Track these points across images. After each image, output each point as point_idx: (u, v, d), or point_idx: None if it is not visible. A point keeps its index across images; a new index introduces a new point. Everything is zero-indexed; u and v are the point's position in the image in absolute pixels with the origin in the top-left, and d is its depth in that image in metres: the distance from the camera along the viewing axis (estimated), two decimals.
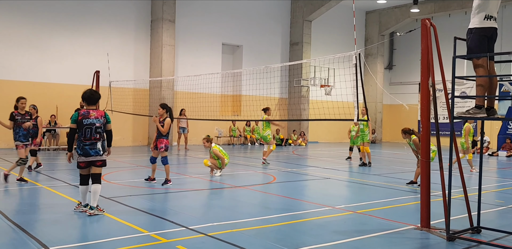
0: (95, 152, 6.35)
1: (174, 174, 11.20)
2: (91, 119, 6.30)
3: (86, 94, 6.43)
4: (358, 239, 5.32)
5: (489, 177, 11.71)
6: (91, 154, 6.34)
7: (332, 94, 23.08)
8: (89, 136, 6.29)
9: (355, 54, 7.49)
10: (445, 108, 23.54)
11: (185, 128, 18.41)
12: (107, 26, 19.29)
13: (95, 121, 6.32)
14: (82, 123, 6.28)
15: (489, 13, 5.33)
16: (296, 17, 24.77)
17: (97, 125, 6.33)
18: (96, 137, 6.34)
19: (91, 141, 6.31)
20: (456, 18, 24.62)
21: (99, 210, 6.35)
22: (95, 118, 6.33)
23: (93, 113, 6.35)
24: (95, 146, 6.35)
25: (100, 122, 6.37)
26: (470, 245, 5.20)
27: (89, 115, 6.31)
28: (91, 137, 6.30)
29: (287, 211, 6.84)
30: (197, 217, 6.29)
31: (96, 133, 6.33)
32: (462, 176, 5.82)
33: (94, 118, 6.32)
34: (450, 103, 5.61)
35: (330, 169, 12.78)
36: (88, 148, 6.31)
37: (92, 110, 6.40)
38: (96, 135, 6.34)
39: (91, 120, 6.29)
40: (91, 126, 6.29)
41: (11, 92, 16.97)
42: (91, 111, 6.36)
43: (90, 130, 6.28)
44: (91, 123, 6.29)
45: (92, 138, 6.31)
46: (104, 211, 6.38)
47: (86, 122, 6.28)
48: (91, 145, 6.32)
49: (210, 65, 21.68)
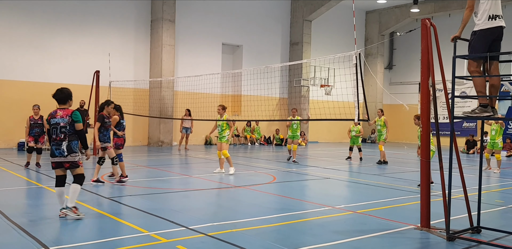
0: (59, 152, 6.09)
1: (175, 174, 11.21)
2: (57, 118, 6.12)
3: (56, 94, 6.21)
4: (358, 239, 5.32)
5: (489, 177, 11.71)
6: (56, 155, 6.10)
7: (332, 94, 23.08)
8: (55, 135, 6.11)
9: (355, 54, 7.49)
10: (445, 108, 23.53)
11: (189, 128, 18.40)
12: (107, 26, 19.29)
13: (60, 121, 6.10)
14: (49, 123, 6.17)
15: (493, 13, 5.27)
16: (296, 17, 24.76)
17: (61, 124, 6.09)
18: (60, 137, 6.09)
19: (56, 141, 6.11)
20: (456, 18, 24.60)
21: (74, 212, 6.05)
22: (60, 117, 6.11)
23: (59, 113, 6.14)
24: (60, 147, 6.09)
25: (65, 121, 6.09)
26: (470, 245, 5.19)
27: (56, 114, 6.15)
28: (56, 137, 6.10)
29: (287, 211, 6.84)
30: (197, 217, 6.29)
31: (61, 132, 6.09)
32: (462, 176, 5.83)
33: (59, 118, 6.11)
34: (450, 103, 5.61)
35: (330, 168, 12.79)
36: (54, 148, 6.12)
37: (60, 109, 6.20)
38: (61, 134, 6.09)
39: (56, 120, 6.11)
40: (56, 125, 6.10)
41: (11, 92, 16.98)
42: (58, 111, 6.17)
43: (56, 129, 6.10)
44: (56, 123, 6.11)
45: (57, 138, 6.09)
46: (81, 215, 6.05)
47: (52, 122, 6.13)
48: (57, 145, 6.11)
49: (210, 65, 21.68)
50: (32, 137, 11.27)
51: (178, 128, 19.41)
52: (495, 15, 5.26)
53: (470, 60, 5.41)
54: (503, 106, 22.60)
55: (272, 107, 22.54)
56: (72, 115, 6.15)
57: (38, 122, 11.29)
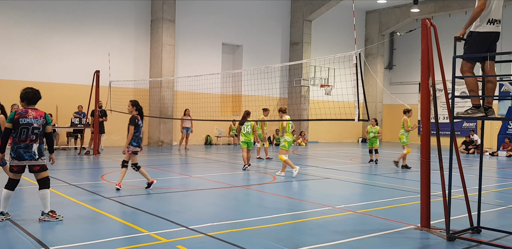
0: (29, 155, 5.77)
1: (175, 174, 11.21)
2: (29, 119, 5.76)
3: (28, 93, 5.87)
4: (358, 239, 5.32)
5: (489, 177, 11.70)
6: (25, 158, 5.76)
7: (333, 94, 23.09)
8: (25, 137, 5.73)
9: (355, 54, 7.49)
10: (445, 108, 23.54)
11: (189, 128, 18.41)
12: (107, 26, 19.29)
13: (33, 121, 5.77)
14: (18, 122, 5.72)
15: (493, 17, 5.27)
16: (296, 17, 24.76)
17: (34, 125, 5.77)
18: (32, 138, 5.77)
19: (26, 143, 5.75)
20: (456, 18, 24.62)
21: (52, 216, 5.88)
22: (34, 118, 5.79)
23: (31, 113, 5.81)
24: (30, 149, 5.77)
25: (39, 122, 5.81)
26: (470, 245, 5.19)
27: (27, 114, 5.78)
28: (27, 138, 5.74)
29: (287, 211, 6.84)
30: (197, 216, 6.29)
31: (33, 134, 5.77)
32: (462, 176, 5.82)
33: (32, 118, 5.78)
34: (450, 103, 5.61)
35: (330, 168, 12.78)
36: (22, 151, 5.75)
37: (31, 109, 5.86)
38: (32, 136, 5.77)
39: (28, 120, 5.75)
40: (28, 126, 5.74)
41: (11, 92, 16.94)
42: (29, 110, 5.83)
43: (27, 130, 5.73)
44: (28, 123, 5.74)
45: (27, 139, 5.75)
46: (59, 217, 5.92)
47: (23, 121, 5.73)
48: (26, 147, 5.75)
49: (210, 65, 21.68)
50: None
51: (178, 128, 19.44)
52: (495, 19, 5.28)
53: (464, 61, 5.42)
54: (503, 106, 22.60)
55: (272, 107, 22.49)
56: (46, 116, 5.94)
57: None
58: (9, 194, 5.91)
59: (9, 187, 5.91)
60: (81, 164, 13.38)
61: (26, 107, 5.91)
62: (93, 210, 6.67)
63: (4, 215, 5.89)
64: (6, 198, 5.89)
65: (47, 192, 5.98)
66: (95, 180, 9.91)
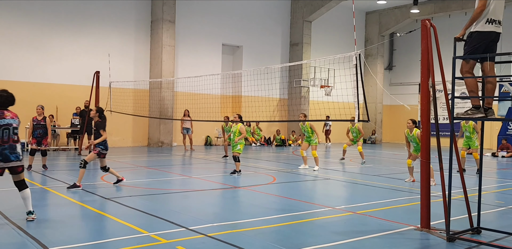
0: (15, 156, 5.76)
1: (175, 175, 11.21)
2: (7, 119, 5.76)
3: (2, 97, 5.85)
4: (358, 240, 5.32)
5: (489, 178, 11.70)
6: (12, 159, 5.74)
7: (332, 95, 23.08)
8: (7, 137, 5.70)
9: (355, 54, 7.49)
10: (445, 109, 23.53)
11: (189, 128, 18.42)
12: (107, 26, 19.29)
13: (12, 122, 5.79)
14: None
15: (492, 17, 5.26)
16: (296, 17, 24.77)
17: (14, 125, 5.80)
18: (14, 139, 5.77)
19: (9, 144, 5.72)
20: (456, 18, 24.62)
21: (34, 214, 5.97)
22: (11, 118, 5.81)
23: (7, 114, 5.82)
24: (15, 150, 5.77)
25: (17, 122, 5.86)
26: (470, 245, 5.19)
27: (4, 115, 5.78)
28: (10, 139, 5.72)
29: (287, 212, 6.84)
30: (197, 217, 6.29)
31: (14, 134, 5.78)
32: (462, 177, 5.83)
33: (10, 119, 5.80)
34: (450, 103, 5.61)
35: (330, 169, 12.78)
36: (8, 152, 5.70)
37: (6, 110, 5.88)
38: (14, 136, 5.79)
39: (7, 121, 5.75)
40: (8, 126, 5.73)
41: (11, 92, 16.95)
42: (5, 112, 5.83)
43: (8, 131, 5.72)
44: (8, 124, 5.73)
45: (10, 139, 5.72)
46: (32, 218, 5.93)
47: (2, 122, 5.71)
48: (11, 148, 5.73)
49: (210, 65, 21.68)
50: (34, 138, 10.96)
51: (178, 129, 19.43)
52: (494, 19, 5.25)
53: (464, 61, 5.42)
54: (503, 106, 22.59)
55: (272, 108, 22.54)
56: (18, 118, 5.96)
57: (41, 123, 10.95)
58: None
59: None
60: None
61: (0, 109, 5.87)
62: (93, 210, 6.67)
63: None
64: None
65: (29, 191, 6.01)
66: (94, 180, 9.91)
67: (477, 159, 11.61)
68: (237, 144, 11.11)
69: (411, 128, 9.96)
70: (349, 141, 14.84)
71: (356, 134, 14.55)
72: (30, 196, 6.00)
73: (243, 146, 11.26)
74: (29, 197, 5.98)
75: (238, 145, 11.12)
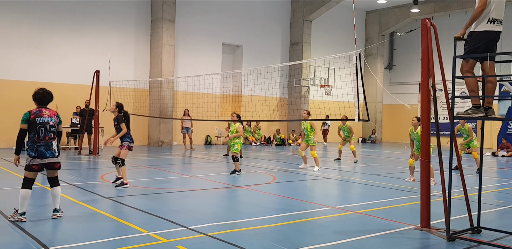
0: (51, 153, 5.96)
1: (175, 174, 11.21)
2: (44, 117, 5.93)
3: (38, 94, 6.05)
4: (358, 239, 5.32)
5: (489, 177, 11.70)
6: (47, 156, 5.93)
7: (332, 94, 23.09)
8: (43, 135, 5.89)
9: (355, 54, 7.49)
10: (445, 108, 23.53)
11: (189, 128, 18.43)
12: (107, 26, 19.28)
13: (49, 120, 5.96)
14: (35, 122, 5.87)
15: (493, 16, 5.25)
16: (296, 17, 24.76)
17: (51, 123, 5.96)
18: (50, 137, 5.95)
19: (45, 141, 5.91)
20: (456, 18, 24.62)
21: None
22: (49, 116, 5.97)
23: (45, 112, 5.99)
24: (51, 147, 5.96)
25: (54, 121, 6.01)
26: (470, 245, 5.19)
27: (42, 113, 5.95)
28: (45, 137, 5.90)
29: (287, 211, 6.84)
30: (197, 217, 6.29)
31: (50, 132, 5.95)
32: (462, 176, 5.82)
33: (48, 117, 5.96)
34: (450, 103, 5.61)
35: (330, 168, 12.78)
36: (44, 149, 5.90)
37: (45, 109, 6.05)
38: (51, 134, 5.95)
39: (44, 119, 5.92)
40: (45, 124, 5.91)
41: (11, 92, 16.97)
42: (43, 110, 6.01)
43: (44, 129, 5.90)
44: (44, 122, 5.91)
45: (46, 137, 5.91)
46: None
47: (40, 121, 5.89)
48: (46, 145, 5.92)
49: (210, 65, 21.67)
50: None
51: (178, 128, 19.44)
52: (495, 19, 5.24)
53: (464, 61, 5.42)
54: (503, 106, 22.59)
55: (272, 107, 22.55)
56: (58, 116, 6.15)
57: None
58: (26, 194, 5.91)
59: (27, 186, 5.94)
60: (81, 164, 13.38)
61: (39, 107, 6.07)
62: (93, 210, 6.67)
63: (24, 215, 5.90)
64: (26, 198, 5.91)
65: (60, 189, 6.25)
66: (95, 180, 9.91)
67: (477, 159, 11.68)
68: (234, 144, 11.08)
69: (416, 125, 9.90)
70: (342, 141, 14.89)
71: (347, 132, 14.58)
72: (60, 193, 6.18)
73: (240, 146, 11.20)
74: (59, 195, 6.15)
75: (235, 145, 11.08)
